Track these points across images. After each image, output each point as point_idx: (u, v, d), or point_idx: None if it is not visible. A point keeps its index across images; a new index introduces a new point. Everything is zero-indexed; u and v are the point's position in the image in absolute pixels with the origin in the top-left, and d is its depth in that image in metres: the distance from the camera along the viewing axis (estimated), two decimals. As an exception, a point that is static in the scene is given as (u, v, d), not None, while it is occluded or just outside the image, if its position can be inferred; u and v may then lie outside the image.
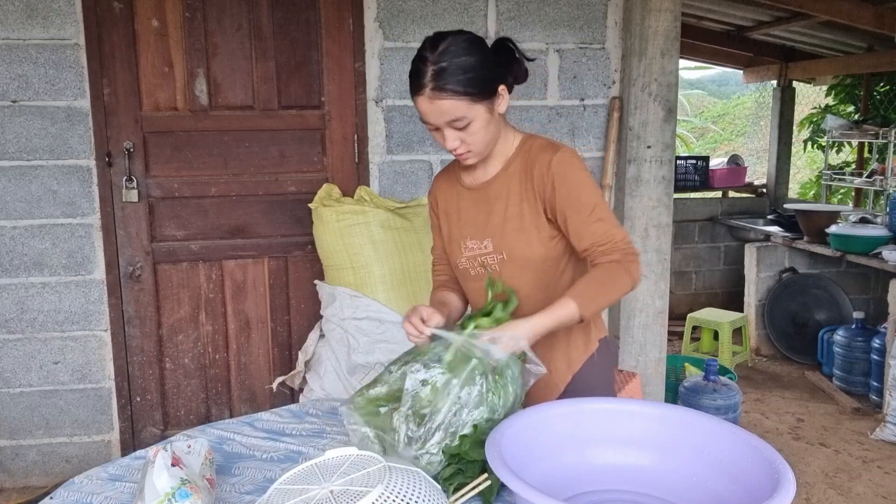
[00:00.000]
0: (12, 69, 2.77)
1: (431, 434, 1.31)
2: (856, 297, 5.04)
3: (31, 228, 2.88)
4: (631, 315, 3.10)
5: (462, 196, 1.67)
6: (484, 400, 1.35)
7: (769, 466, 1.09)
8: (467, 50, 1.44)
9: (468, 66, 1.43)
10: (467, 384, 1.35)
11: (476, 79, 1.44)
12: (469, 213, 1.65)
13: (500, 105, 1.52)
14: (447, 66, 1.41)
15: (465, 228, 1.65)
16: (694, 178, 6.54)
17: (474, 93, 1.44)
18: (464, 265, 1.66)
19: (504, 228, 1.58)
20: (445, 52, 1.42)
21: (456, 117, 1.45)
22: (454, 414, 1.33)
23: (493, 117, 1.51)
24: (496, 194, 1.60)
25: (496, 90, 1.50)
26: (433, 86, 1.42)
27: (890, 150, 5.46)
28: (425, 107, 1.46)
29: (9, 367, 2.95)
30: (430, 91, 1.43)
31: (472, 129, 1.48)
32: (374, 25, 2.94)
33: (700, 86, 17.63)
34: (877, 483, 3.23)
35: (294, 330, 3.11)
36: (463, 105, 1.44)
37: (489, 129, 1.51)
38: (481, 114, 1.47)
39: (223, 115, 2.93)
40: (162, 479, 1.16)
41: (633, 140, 3.01)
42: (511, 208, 1.58)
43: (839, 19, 4.50)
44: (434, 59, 1.42)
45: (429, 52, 1.44)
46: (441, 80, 1.42)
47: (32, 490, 2.95)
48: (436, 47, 1.43)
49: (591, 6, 3.04)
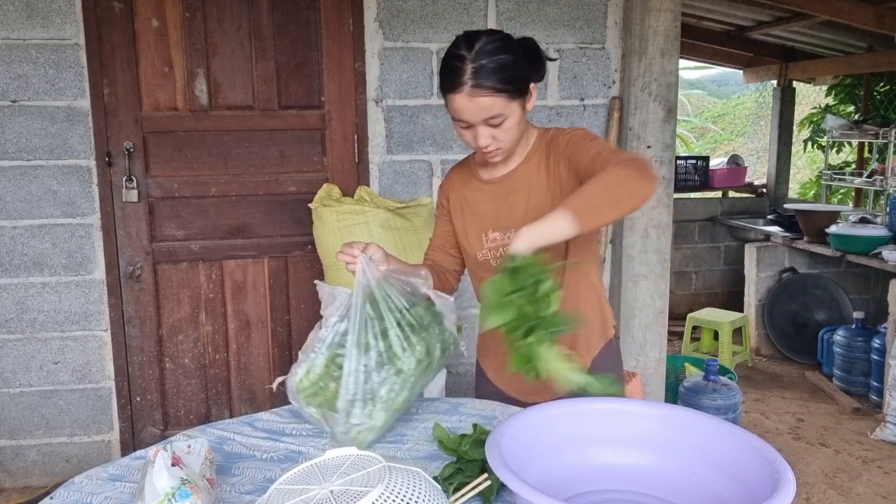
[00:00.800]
0: (12, 69, 2.77)
1: (351, 408, 1.40)
2: (856, 297, 5.04)
3: (31, 228, 2.88)
4: (631, 315, 3.10)
5: (480, 189, 1.69)
6: (385, 360, 1.41)
7: (769, 466, 1.09)
8: (504, 48, 1.47)
9: (507, 64, 1.45)
10: (363, 352, 1.41)
11: (513, 76, 1.47)
12: (489, 206, 1.67)
13: (530, 103, 1.56)
14: (486, 64, 1.44)
15: (486, 221, 1.66)
16: (694, 178, 6.54)
17: (512, 90, 1.47)
18: (484, 256, 1.68)
19: (525, 220, 1.57)
20: (483, 50, 1.45)
21: (494, 114, 1.47)
22: (365, 382, 1.40)
23: (524, 115, 1.55)
24: (517, 186, 1.62)
25: (528, 88, 1.53)
26: (473, 83, 1.44)
27: (890, 150, 5.46)
28: (463, 104, 1.47)
29: (9, 367, 2.95)
30: (469, 88, 1.44)
31: (507, 126, 1.50)
32: (374, 25, 2.94)
33: (700, 86, 17.63)
34: (877, 483, 3.23)
35: (294, 330, 3.11)
36: (501, 102, 1.46)
37: (520, 125, 1.54)
38: (516, 111, 1.50)
39: (223, 115, 2.93)
40: (162, 479, 1.16)
41: (633, 140, 3.01)
42: (534, 199, 1.59)
43: (839, 19, 4.50)
44: (472, 56, 1.44)
45: (465, 51, 1.45)
46: (481, 78, 1.44)
47: (32, 490, 2.95)
48: (472, 46, 1.45)
49: (591, 6, 3.04)
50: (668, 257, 3.11)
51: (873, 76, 6.19)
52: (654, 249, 3.08)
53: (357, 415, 1.41)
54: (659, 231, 3.07)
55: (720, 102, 17.36)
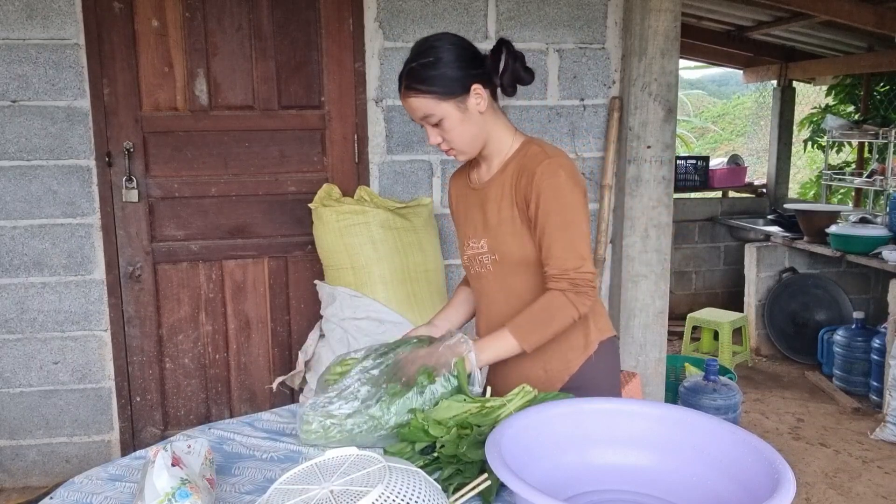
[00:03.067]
0: (12, 69, 2.77)
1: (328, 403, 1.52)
2: (856, 297, 5.04)
3: (31, 228, 2.88)
4: (631, 315, 3.10)
5: (469, 195, 1.71)
6: (371, 403, 1.49)
7: (769, 466, 1.09)
8: (439, 50, 1.52)
9: (433, 65, 1.51)
10: (371, 382, 1.53)
11: (440, 77, 1.51)
12: (471, 213, 1.69)
13: (479, 104, 1.55)
14: (416, 67, 1.52)
15: (468, 227, 1.70)
16: (694, 178, 6.54)
17: (439, 91, 1.51)
18: (466, 263, 1.72)
19: (497, 230, 1.61)
20: (420, 53, 1.53)
21: (424, 114, 1.54)
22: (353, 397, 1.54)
23: (466, 115, 1.54)
24: (492, 195, 1.63)
25: (468, 89, 1.53)
26: (405, 84, 1.53)
27: (890, 150, 5.46)
28: (404, 105, 1.57)
29: (9, 367, 2.95)
30: (403, 89, 1.54)
31: (446, 127, 1.55)
32: (374, 25, 2.94)
33: (700, 86, 17.62)
34: (877, 483, 3.23)
35: (294, 330, 3.11)
36: (429, 102, 1.52)
37: (465, 127, 1.55)
38: (450, 111, 1.53)
39: (223, 115, 2.93)
40: (162, 479, 1.16)
41: (633, 140, 3.01)
42: (504, 211, 1.60)
43: (839, 19, 4.50)
44: (409, 59, 1.54)
45: (411, 54, 1.55)
46: (410, 79, 1.52)
47: (32, 490, 2.95)
48: (417, 49, 1.55)
49: (591, 6, 3.04)
50: (668, 257, 3.11)
51: (873, 76, 6.19)
52: (654, 249, 3.08)
53: (324, 412, 1.49)
54: (659, 231, 3.07)
55: (720, 102, 17.35)
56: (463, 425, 1.39)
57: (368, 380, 1.53)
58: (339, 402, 1.50)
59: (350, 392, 1.51)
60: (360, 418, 1.46)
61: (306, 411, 1.51)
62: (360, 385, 1.52)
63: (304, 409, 1.52)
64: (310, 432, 1.49)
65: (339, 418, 1.48)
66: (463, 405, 1.42)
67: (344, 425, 1.47)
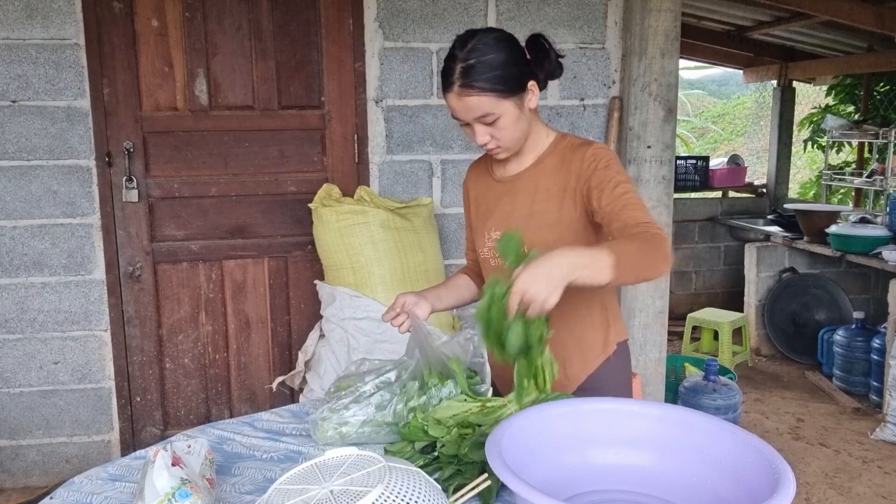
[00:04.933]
0: (12, 69, 2.77)
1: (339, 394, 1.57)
2: (856, 297, 5.04)
3: (31, 228, 2.88)
4: (631, 315, 3.10)
5: (491, 187, 1.69)
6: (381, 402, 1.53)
7: (769, 466, 1.09)
8: (494, 47, 1.46)
9: (495, 64, 1.45)
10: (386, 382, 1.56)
11: (503, 76, 1.46)
12: (495, 205, 1.67)
13: (531, 101, 1.53)
14: (474, 64, 1.44)
15: (491, 219, 1.67)
16: (694, 178, 6.54)
17: (501, 89, 1.46)
18: (485, 255, 1.69)
19: (528, 223, 1.58)
20: (473, 49, 1.45)
21: (484, 113, 1.48)
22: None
23: (522, 113, 1.52)
24: (523, 188, 1.61)
25: (525, 86, 1.51)
26: (461, 83, 1.45)
27: (890, 150, 5.46)
28: (455, 103, 1.49)
29: (9, 367, 2.95)
30: (458, 88, 1.46)
31: (501, 125, 1.50)
32: (374, 25, 2.94)
33: (700, 86, 17.61)
34: (877, 483, 3.23)
35: (294, 330, 3.11)
36: (490, 101, 1.46)
37: (518, 124, 1.52)
38: (509, 109, 1.49)
39: (223, 115, 2.93)
40: (162, 479, 1.16)
41: (633, 140, 3.01)
42: (538, 204, 1.58)
43: (839, 19, 4.50)
44: (462, 56, 1.45)
45: (458, 50, 1.47)
46: (468, 78, 1.44)
47: (32, 490, 2.95)
48: (465, 45, 1.46)
49: (591, 6, 3.04)
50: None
51: (873, 76, 6.18)
52: (654, 249, 3.08)
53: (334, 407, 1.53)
54: (659, 231, 3.07)
55: (720, 102, 17.34)
56: (464, 425, 1.39)
57: (384, 384, 1.56)
58: (353, 407, 1.53)
59: (365, 396, 1.54)
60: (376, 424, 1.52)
61: (322, 415, 1.54)
62: (375, 389, 1.54)
63: (318, 414, 1.55)
64: (325, 438, 1.54)
65: (354, 425, 1.52)
66: (463, 405, 1.42)
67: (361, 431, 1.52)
